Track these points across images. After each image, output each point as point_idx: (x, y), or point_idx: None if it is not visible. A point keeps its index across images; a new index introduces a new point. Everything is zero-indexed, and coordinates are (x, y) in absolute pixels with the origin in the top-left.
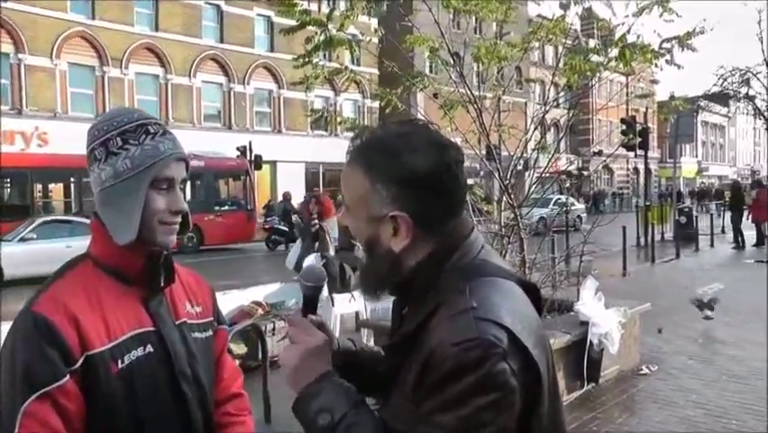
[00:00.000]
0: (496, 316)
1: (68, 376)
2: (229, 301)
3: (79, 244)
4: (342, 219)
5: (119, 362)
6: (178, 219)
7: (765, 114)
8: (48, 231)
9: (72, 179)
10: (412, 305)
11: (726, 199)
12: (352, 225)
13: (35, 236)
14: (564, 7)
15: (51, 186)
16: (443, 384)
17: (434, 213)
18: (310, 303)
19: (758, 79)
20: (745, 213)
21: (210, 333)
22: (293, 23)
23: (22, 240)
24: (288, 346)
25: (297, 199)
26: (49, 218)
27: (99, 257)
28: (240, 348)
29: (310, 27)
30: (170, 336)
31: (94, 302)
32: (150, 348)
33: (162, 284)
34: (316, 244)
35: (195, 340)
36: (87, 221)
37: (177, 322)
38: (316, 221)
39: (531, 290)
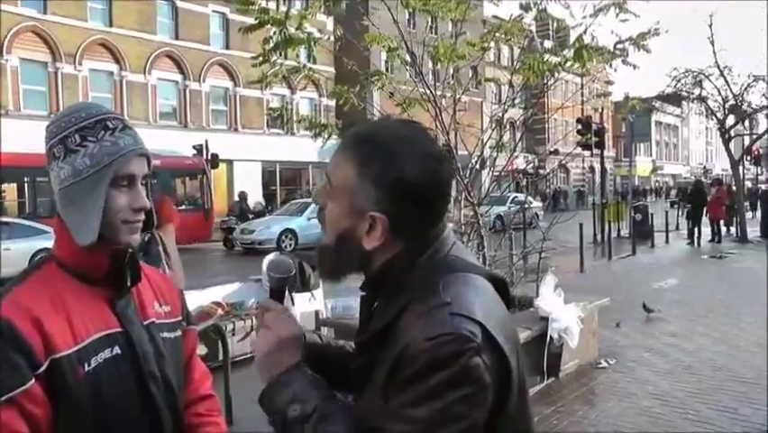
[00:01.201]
0: (470, 311)
1: (33, 380)
2: (189, 302)
3: (18, 247)
4: (319, 198)
5: (85, 365)
6: (141, 217)
7: (717, 114)
8: None
9: (26, 179)
10: (382, 300)
11: (679, 198)
12: (330, 210)
13: None
14: (526, 8)
15: (4, 186)
16: (416, 378)
17: (413, 222)
18: (278, 295)
19: (710, 81)
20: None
21: (179, 333)
22: (250, 20)
23: None
24: (262, 332)
25: (254, 198)
26: None
27: (63, 258)
28: (200, 349)
29: (268, 26)
30: (138, 336)
31: (58, 305)
32: (117, 350)
33: (129, 284)
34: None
35: (164, 340)
36: (26, 222)
37: (145, 322)
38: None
39: (500, 285)
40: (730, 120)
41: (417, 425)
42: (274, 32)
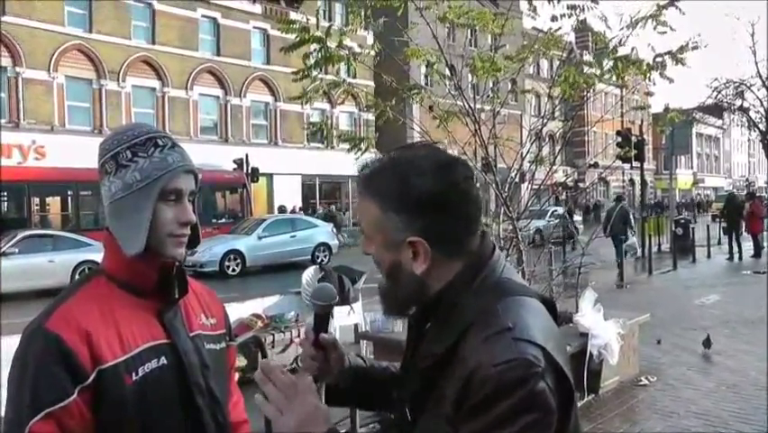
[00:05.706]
0: (531, 336)
1: (74, 395)
2: (228, 314)
3: (62, 259)
4: (365, 248)
5: (133, 374)
6: (187, 231)
7: (759, 125)
8: (30, 245)
9: (69, 193)
10: (437, 322)
11: (717, 211)
12: (375, 253)
13: (17, 251)
14: (554, 19)
15: (49, 199)
16: (485, 405)
17: (449, 233)
18: (322, 322)
19: (752, 91)
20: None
21: (224, 345)
22: (290, 37)
23: (3, 255)
24: (279, 416)
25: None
26: (31, 232)
27: (112, 271)
28: (240, 361)
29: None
30: (184, 347)
31: (107, 316)
32: (164, 360)
33: (176, 296)
34: None
35: (209, 351)
36: (70, 235)
37: (191, 334)
38: None
39: (549, 306)
40: None
41: None
42: (315, 49)
